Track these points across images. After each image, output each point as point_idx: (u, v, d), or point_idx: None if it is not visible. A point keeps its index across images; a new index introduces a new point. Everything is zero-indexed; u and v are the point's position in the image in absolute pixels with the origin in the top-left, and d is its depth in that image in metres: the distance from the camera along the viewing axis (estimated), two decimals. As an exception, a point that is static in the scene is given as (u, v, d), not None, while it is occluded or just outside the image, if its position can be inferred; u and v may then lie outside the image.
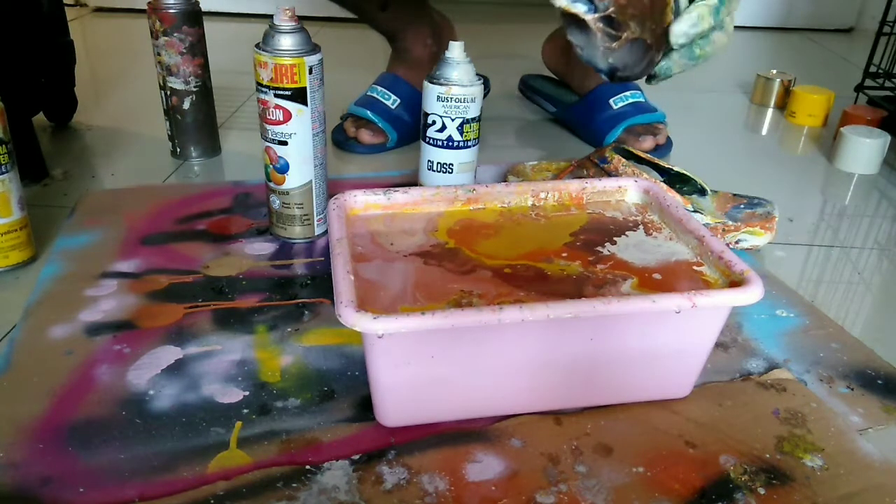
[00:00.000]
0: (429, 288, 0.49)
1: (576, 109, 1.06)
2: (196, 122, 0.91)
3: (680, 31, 0.47)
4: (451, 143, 0.74)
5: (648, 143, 0.97)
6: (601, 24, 0.54)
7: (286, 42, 0.66)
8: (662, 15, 0.50)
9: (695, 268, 0.52)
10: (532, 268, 0.52)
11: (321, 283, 0.67)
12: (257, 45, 0.67)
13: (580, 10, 0.54)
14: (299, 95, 0.67)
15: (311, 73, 0.67)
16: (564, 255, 0.54)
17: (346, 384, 0.55)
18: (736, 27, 0.67)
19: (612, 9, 0.53)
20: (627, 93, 1.01)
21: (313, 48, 0.67)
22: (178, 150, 0.93)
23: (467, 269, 0.52)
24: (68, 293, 0.64)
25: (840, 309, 0.68)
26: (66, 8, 0.98)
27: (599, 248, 0.55)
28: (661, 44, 0.51)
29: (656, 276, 0.51)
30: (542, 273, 0.51)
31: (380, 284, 0.49)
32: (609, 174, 0.75)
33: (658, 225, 0.58)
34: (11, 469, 0.46)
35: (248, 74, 0.71)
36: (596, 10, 0.54)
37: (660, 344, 0.50)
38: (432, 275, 0.51)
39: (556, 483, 0.47)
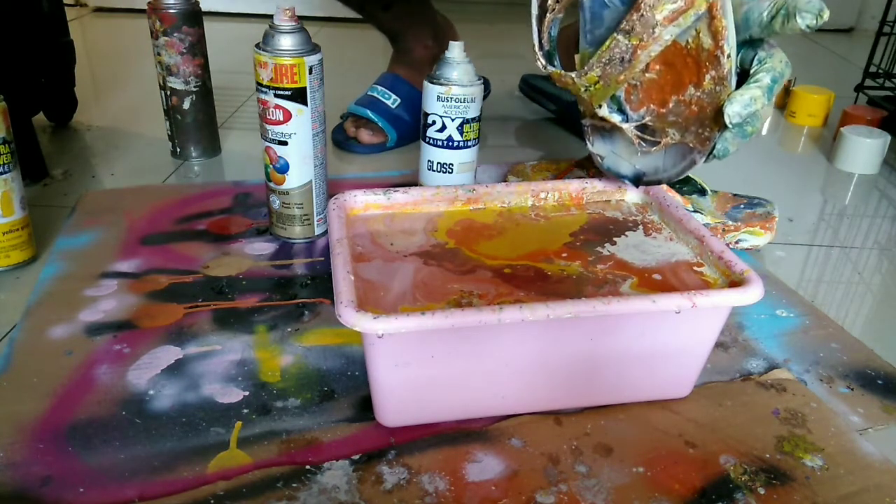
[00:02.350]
0: (429, 288, 0.49)
1: (577, 107, 1.06)
2: (196, 122, 0.91)
3: (734, 112, 0.47)
4: (451, 143, 0.74)
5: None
6: (637, 133, 0.53)
7: (286, 42, 0.66)
8: (714, 120, 0.49)
9: (695, 268, 0.52)
10: (532, 268, 0.52)
11: (321, 283, 0.67)
12: (257, 45, 0.67)
13: (616, 119, 0.53)
14: (299, 95, 0.67)
15: (311, 73, 0.67)
16: (564, 255, 0.54)
17: (346, 384, 0.55)
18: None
19: (648, 118, 0.52)
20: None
21: (313, 48, 0.67)
22: (178, 150, 0.93)
23: (467, 269, 0.52)
24: (68, 293, 0.64)
25: (840, 309, 0.68)
26: (66, 8, 0.98)
27: (599, 249, 0.55)
28: (709, 143, 0.50)
29: (656, 276, 0.51)
30: (542, 273, 0.51)
31: (380, 284, 0.49)
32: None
33: (658, 225, 0.58)
34: (11, 469, 0.46)
35: (248, 74, 0.71)
36: (628, 120, 0.53)
37: (660, 344, 0.50)
38: (432, 275, 0.51)
39: (556, 483, 0.47)
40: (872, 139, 0.97)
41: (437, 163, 0.75)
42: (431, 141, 0.75)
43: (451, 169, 0.75)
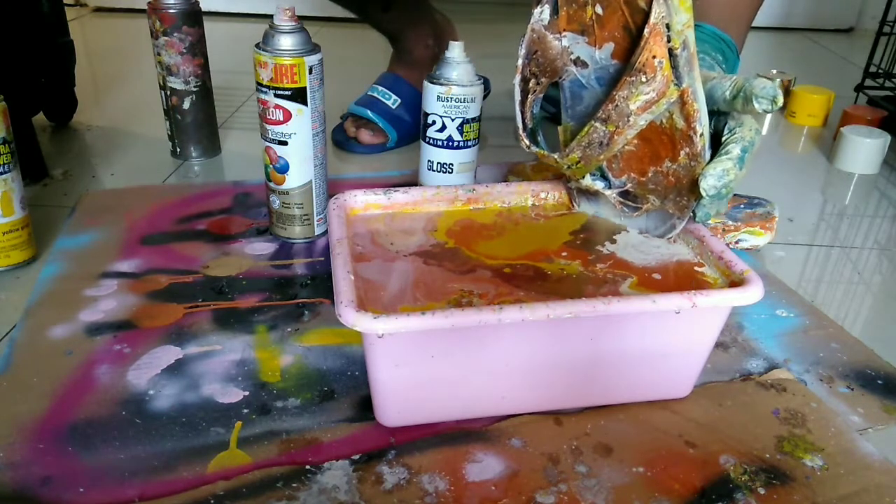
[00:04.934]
0: (428, 287, 0.49)
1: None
2: (196, 122, 0.91)
3: (709, 185, 0.50)
4: (451, 143, 0.74)
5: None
6: (620, 199, 0.56)
7: (286, 42, 0.66)
8: (691, 190, 0.52)
9: (695, 268, 0.52)
10: (532, 267, 0.52)
11: (321, 283, 0.67)
12: (257, 45, 0.67)
13: (599, 186, 0.56)
14: (299, 95, 0.67)
15: (311, 73, 0.67)
16: (564, 254, 0.54)
17: (346, 384, 0.55)
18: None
19: (629, 185, 0.55)
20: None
21: (313, 48, 0.67)
22: (178, 150, 0.93)
23: (467, 268, 0.52)
24: (68, 293, 0.64)
25: (840, 309, 0.68)
26: (66, 8, 0.98)
27: (599, 248, 0.55)
28: (687, 210, 0.53)
29: (656, 275, 0.51)
30: (541, 272, 0.51)
31: (380, 284, 0.49)
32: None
33: (658, 225, 0.58)
34: (11, 469, 0.46)
35: (248, 74, 0.71)
36: (611, 186, 0.56)
37: (660, 344, 0.50)
38: (432, 274, 0.51)
39: (556, 483, 0.47)
40: (872, 139, 0.97)
41: (437, 163, 0.75)
42: (431, 141, 0.75)
43: (451, 169, 0.75)
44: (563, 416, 0.52)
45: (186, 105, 0.89)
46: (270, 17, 0.67)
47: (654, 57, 0.47)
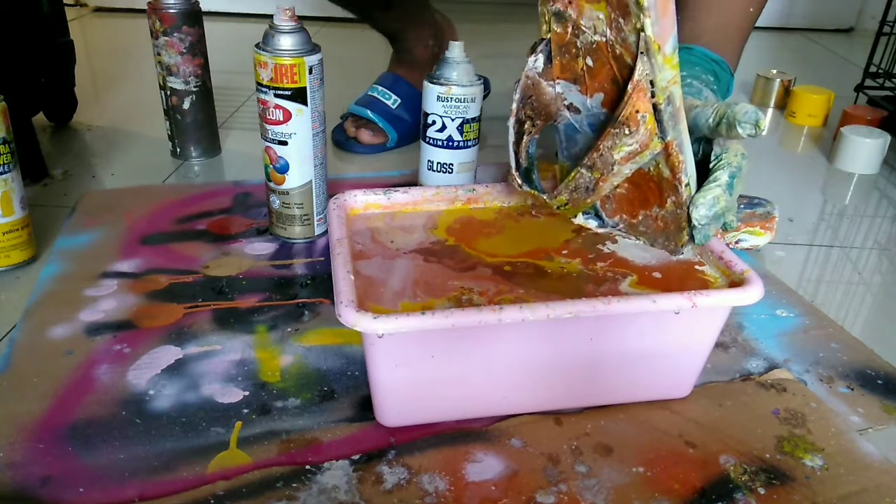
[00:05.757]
0: (429, 285, 0.49)
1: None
2: (196, 122, 0.91)
3: (702, 215, 0.50)
4: (451, 143, 0.74)
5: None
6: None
7: (286, 42, 0.66)
8: (678, 234, 0.53)
9: (695, 267, 0.52)
10: (532, 265, 0.52)
11: (321, 283, 0.67)
12: (257, 45, 0.67)
13: (592, 225, 0.58)
14: (299, 95, 0.67)
15: (311, 73, 0.67)
16: (565, 252, 0.54)
17: (346, 384, 0.55)
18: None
19: (621, 225, 0.56)
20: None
21: (313, 48, 0.67)
22: (178, 150, 0.93)
23: (467, 266, 0.52)
24: (68, 293, 0.64)
25: (840, 309, 0.68)
26: (66, 8, 0.98)
27: (600, 246, 0.55)
28: (677, 251, 0.54)
29: (656, 274, 0.51)
30: (542, 270, 0.51)
31: (380, 282, 0.49)
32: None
33: (658, 225, 0.58)
34: (11, 469, 0.46)
35: (248, 74, 0.71)
36: (605, 226, 0.57)
37: (660, 344, 0.50)
38: (432, 272, 0.51)
39: (556, 483, 0.47)
40: (872, 139, 0.97)
41: (437, 163, 0.75)
42: (431, 141, 0.75)
43: (451, 169, 0.75)
44: (563, 416, 0.52)
45: (186, 105, 0.89)
46: (270, 17, 0.67)
47: (637, 112, 0.48)
